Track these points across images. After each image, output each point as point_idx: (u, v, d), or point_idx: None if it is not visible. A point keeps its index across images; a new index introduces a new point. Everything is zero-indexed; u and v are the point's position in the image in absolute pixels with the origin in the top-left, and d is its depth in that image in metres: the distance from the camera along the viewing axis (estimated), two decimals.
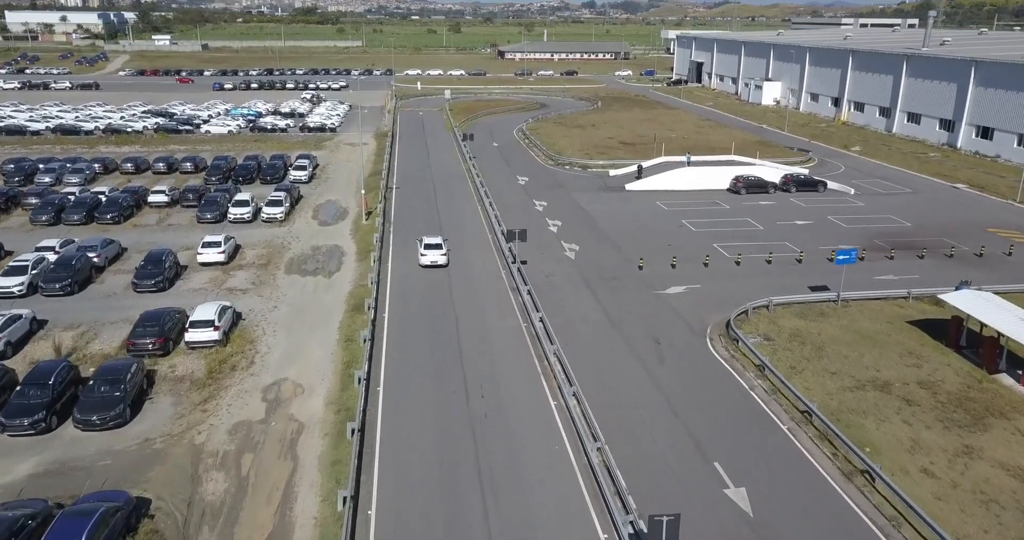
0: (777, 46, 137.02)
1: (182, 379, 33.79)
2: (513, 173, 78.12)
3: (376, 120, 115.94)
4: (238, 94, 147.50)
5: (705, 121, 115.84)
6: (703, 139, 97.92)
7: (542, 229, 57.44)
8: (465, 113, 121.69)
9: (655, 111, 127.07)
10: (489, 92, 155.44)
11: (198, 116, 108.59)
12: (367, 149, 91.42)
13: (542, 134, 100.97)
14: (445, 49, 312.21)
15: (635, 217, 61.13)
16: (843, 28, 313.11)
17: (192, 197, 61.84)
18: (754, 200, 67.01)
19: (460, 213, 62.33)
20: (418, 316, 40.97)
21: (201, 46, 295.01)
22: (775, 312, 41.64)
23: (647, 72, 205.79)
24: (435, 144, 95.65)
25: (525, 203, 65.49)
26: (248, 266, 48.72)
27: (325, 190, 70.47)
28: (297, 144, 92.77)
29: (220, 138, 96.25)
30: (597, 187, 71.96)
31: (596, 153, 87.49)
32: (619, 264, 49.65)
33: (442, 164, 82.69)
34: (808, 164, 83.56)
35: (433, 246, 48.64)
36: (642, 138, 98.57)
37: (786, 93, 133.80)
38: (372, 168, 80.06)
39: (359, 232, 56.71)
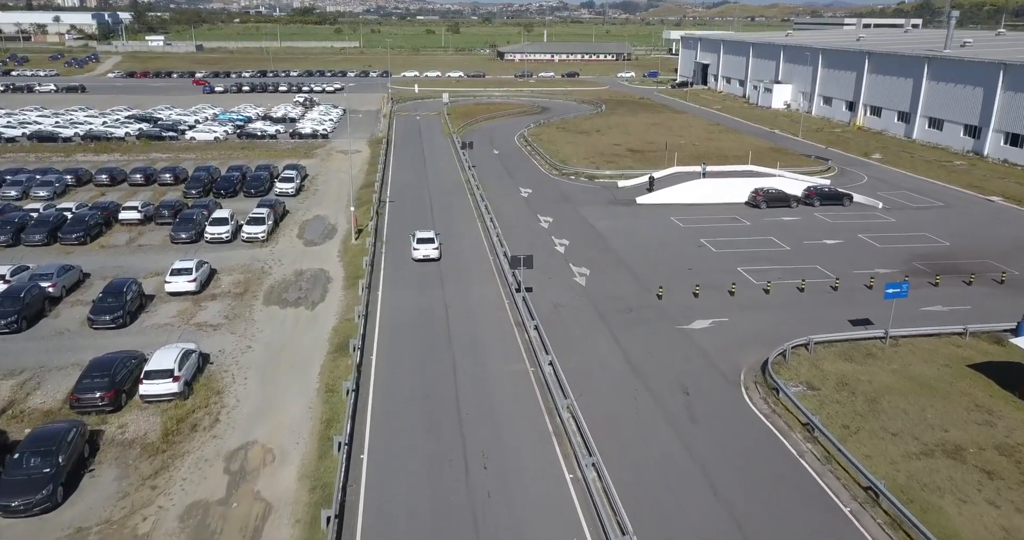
0: (788, 47, 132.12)
1: (132, 443, 28.79)
2: (515, 184, 73.16)
3: (371, 125, 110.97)
4: (229, 97, 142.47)
5: (715, 126, 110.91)
6: (714, 146, 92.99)
7: (548, 250, 52.49)
8: (464, 117, 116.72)
9: (662, 115, 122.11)
10: (489, 95, 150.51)
11: (184, 121, 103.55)
12: (360, 157, 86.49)
13: (545, 140, 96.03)
14: (443, 50, 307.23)
15: (649, 235, 56.17)
16: (846, 28, 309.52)
17: (167, 214, 56.85)
18: (776, 215, 62.06)
19: (459, 231, 57.34)
20: (410, 359, 35.99)
21: (195, 47, 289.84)
22: (816, 352, 36.69)
23: (650, 74, 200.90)
24: (432, 151, 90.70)
25: (529, 219, 60.53)
26: (223, 296, 43.71)
27: (313, 204, 65.46)
28: (287, 152, 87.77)
29: (205, 145, 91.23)
30: (606, 200, 67.00)
31: (603, 162, 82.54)
32: (635, 292, 44.68)
33: (439, 174, 77.73)
34: (828, 174, 78.65)
35: (426, 240, 49.92)
36: (650, 145, 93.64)
37: (797, 96, 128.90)
38: (365, 179, 75.09)
39: (348, 253, 51.71)
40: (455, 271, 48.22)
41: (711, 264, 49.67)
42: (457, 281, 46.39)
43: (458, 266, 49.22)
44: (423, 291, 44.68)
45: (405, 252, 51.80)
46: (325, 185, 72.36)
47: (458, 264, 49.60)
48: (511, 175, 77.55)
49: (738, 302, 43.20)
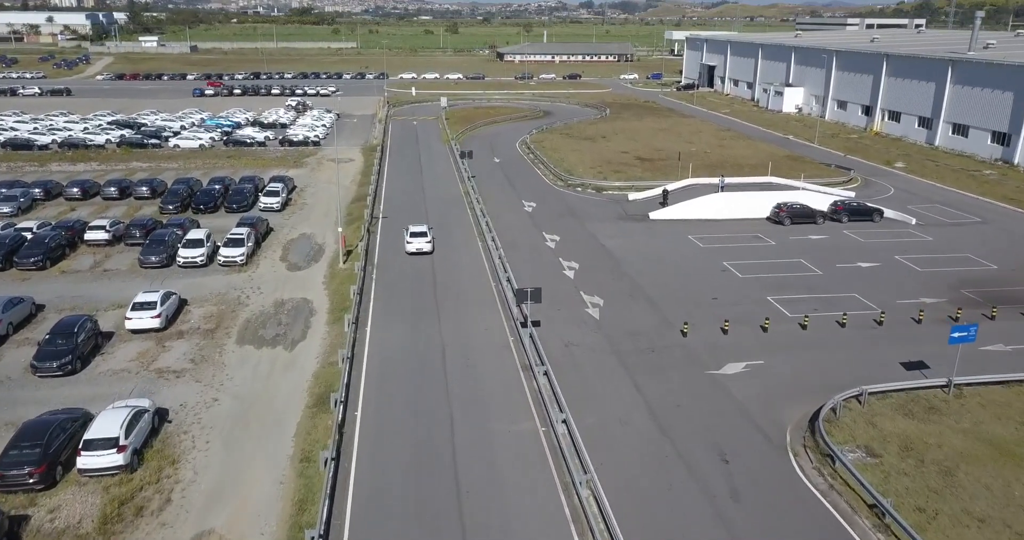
0: (799, 49, 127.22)
1: (62, 535, 23.82)
2: (518, 197, 68.23)
3: (365, 131, 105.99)
4: (219, 101, 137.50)
5: (725, 131, 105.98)
6: (727, 154, 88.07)
7: (556, 274, 47.55)
8: (463, 122, 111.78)
9: (669, 120, 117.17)
10: (488, 98, 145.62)
11: (169, 128, 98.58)
12: (353, 167, 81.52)
13: (548, 148, 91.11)
14: (442, 51, 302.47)
15: (666, 257, 51.22)
16: (849, 29, 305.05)
17: (138, 233, 51.84)
18: (802, 233, 57.15)
19: (457, 252, 52.37)
20: (400, 417, 31.03)
21: (189, 48, 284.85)
22: (870, 405, 31.76)
23: (654, 75, 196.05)
24: (429, 160, 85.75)
25: (534, 238, 55.59)
26: (191, 333, 38.73)
27: (300, 220, 60.49)
28: (275, 161, 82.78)
29: (190, 153, 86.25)
30: (616, 215, 62.06)
31: (610, 171, 77.61)
32: (656, 327, 39.75)
33: (437, 185, 72.77)
34: (851, 185, 73.75)
35: (418, 233, 51.80)
36: (659, 152, 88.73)
37: (809, 100, 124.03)
38: (357, 191, 70.13)
39: (335, 280, 46.74)
40: (453, 300, 43.30)
41: (738, 292, 44.72)
42: (455, 313, 41.46)
43: (457, 294, 44.30)
44: (417, 326, 39.75)
45: (397, 278, 46.89)
46: (314, 198, 67.36)
47: (457, 291, 44.68)
48: (513, 186, 72.60)
49: (773, 340, 38.26)
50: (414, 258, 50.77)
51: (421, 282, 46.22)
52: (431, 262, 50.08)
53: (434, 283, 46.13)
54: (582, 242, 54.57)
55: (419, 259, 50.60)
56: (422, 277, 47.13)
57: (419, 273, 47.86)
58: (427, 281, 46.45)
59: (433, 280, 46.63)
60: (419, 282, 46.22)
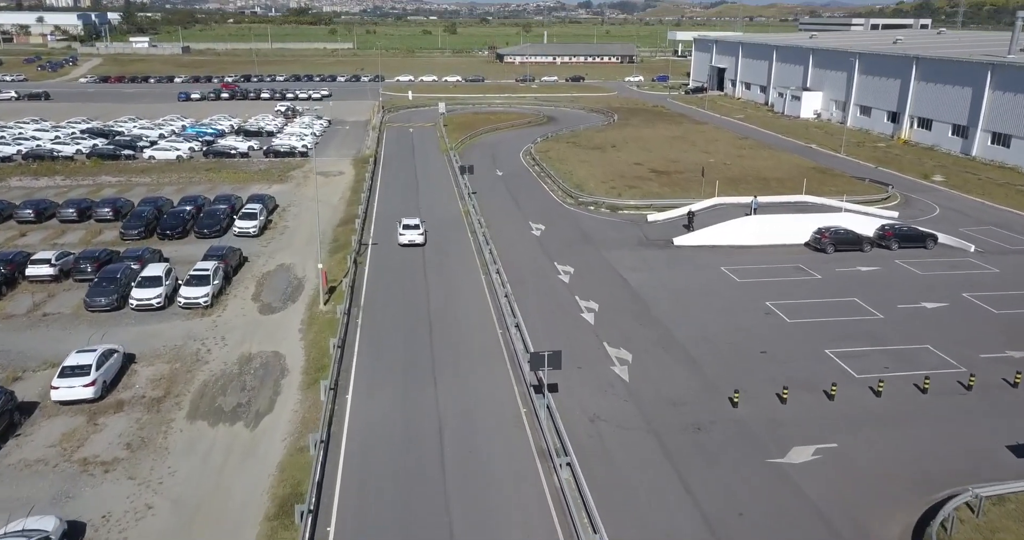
0: (818, 51, 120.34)
1: None
2: (524, 217, 61.35)
3: (358, 139, 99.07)
4: (206, 105, 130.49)
5: (743, 140, 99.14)
6: (748, 165, 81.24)
7: (573, 319, 40.67)
8: (462, 129, 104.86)
9: (681, 126, 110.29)
10: (489, 102, 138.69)
11: (146, 136, 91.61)
12: (343, 182, 74.59)
13: (554, 158, 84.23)
14: (440, 51, 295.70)
15: (698, 295, 44.32)
16: (853, 29, 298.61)
17: (89, 268, 44.88)
18: (848, 263, 50.29)
19: (458, 290, 45.47)
20: (386, 529, 24.12)
21: (181, 49, 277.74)
22: (987, 513, 24.91)
23: (660, 78, 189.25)
24: (427, 172, 78.84)
25: (544, 269, 48.70)
26: (133, 404, 31.81)
27: (280, 247, 53.55)
28: (258, 175, 75.82)
29: (165, 166, 79.26)
30: (635, 240, 55.17)
31: (624, 186, 70.75)
32: (699, 393, 32.88)
33: (435, 204, 65.85)
34: (890, 203, 66.99)
35: (411, 227, 53.58)
36: (675, 164, 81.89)
37: (829, 105, 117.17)
38: (345, 211, 63.19)
39: (313, 326, 39.83)
40: (453, 353, 36.42)
41: (789, 343, 37.85)
42: (455, 373, 34.56)
43: (457, 345, 37.40)
44: (409, 392, 32.85)
45: (386, 324, 39.97)
46: (297, 220, 60.41)
47: (457, 341, 37.79)
48: (519, 205, 65.71)
49: (843, 411, 31.38)
50: (409, 298, 43.84)
51: (415, 330, 39.33)
52: (427, 301, 43.16)
53: (430, 330, 39.24)
54: (600, 275, 47.66)
55: (414, 298, 43.68)
56: (417, 323, 40.23)
57: (414, 317, 40.96)
58: (422, 328, 39.56)
59: (429, 326, 39.73)
60: (413, 330, 39.33)
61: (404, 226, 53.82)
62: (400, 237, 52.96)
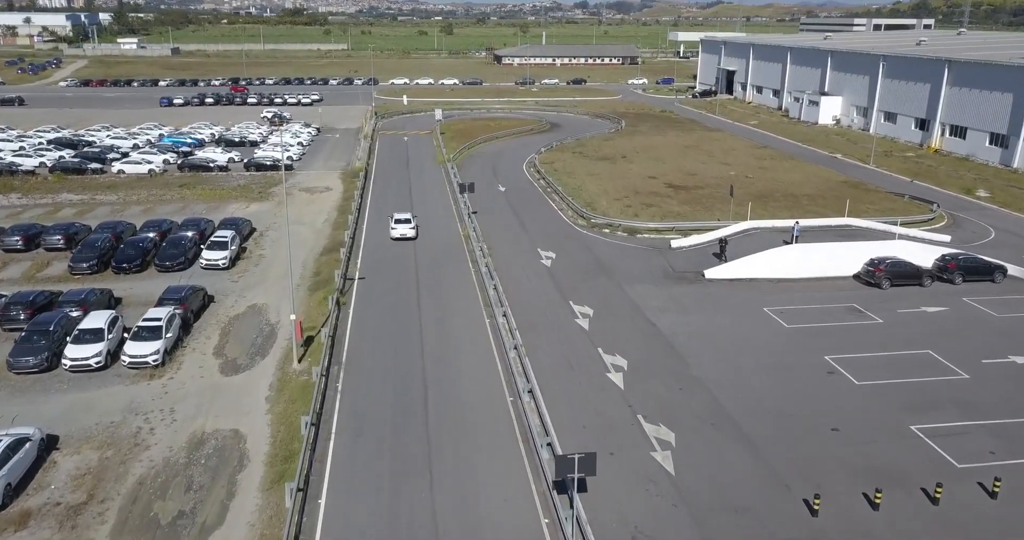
0: (837, 53, 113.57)
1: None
2: (531, 242, 54.47)
3: (349, 149, 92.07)
4: (189, 112, 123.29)
5: (761, 149, 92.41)
6: (774, 179, 74.50)
7: (598, 381, 33.79)
8: (460, 138, 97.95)
9: (694, 134, 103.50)
10: (488, 107, 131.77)
11: (119, 147, 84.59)
12: (330, 199, 67.61)
13: (561, 171, 77.41)
14: (436, 53, 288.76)
15: (744, 347, 37.46)
16: (855, 29, 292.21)
17: (21, 315, 37.91)
18: (909, 301, 43.49)
19: (459, 342, 38.56)
20: None
21: (171, 50, 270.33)
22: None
23: (664, 80, 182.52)
24: (422, 189, 71.89)
25: (558, 311, 41.83)
26: (43, 514, 24.83)
27: (253, 282, 46.57)
28: (236, 191, 68.78)
29: (135, 182, 72.19)
30: (661, 272, 48.29)
31: (640, 204, 63.98)
32: (764, 492, 26.02)
33: (431, 227, 58.92)
34: (938, 224, 60.31)
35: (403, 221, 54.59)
36: (693, 177, 75.13)
37: (849, 110, 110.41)
38: (330, 236, 56.19)
39: (284, 392, 32.88)
40: (453, 434, 29.52)
41: (864, 415, 31.00)
42: (457, 463, 27.64)
43: (459, 423, 30.50)
44: (399, 491, 25.96)
45: (373, 392, 33.06)
46: (275, 247, 53.37)
47: (459, 419, 30.88)
48: (524, 227, 58.83)
49: (952, 519, 24.57)
50: (401, 354, 36.87)
51: (407, 399, 32.42)
52: (422, 357, 36.22)
53: (425, 398, 32.32)
54: (624, 319, 40.77)
55: (406, 354, 36.73)
56: (409, 388, 33.31)
57: (406, 380, 34.04)
58: (416, 395, 32.64)
59: (424, 392, 32.81)
60: (404, 399, 32.42)
61: (396, 220, 54.98)
62: (391, 231, 54.51)
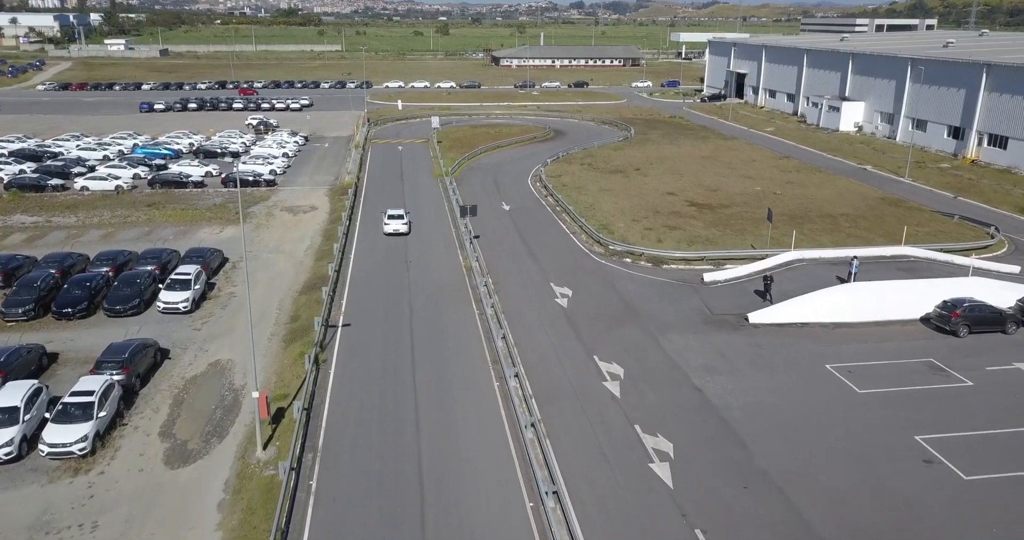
0: (859, 56, 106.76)
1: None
2: (543, 275, 47.49)
3: (338, 160, 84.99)
4: (170, 118, 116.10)
5: (784, 160, 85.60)
6: (804, 195, 67.72)
7: (641, 477, 26.81)
8: (459, 147, 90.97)
9: (709, 143, 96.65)
10: (487, 113, 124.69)
11: (86, 160, 77.43)
12: (314, 221, 60.50)
13: (570, 186, 70.53)
14: (432, 54, 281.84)
15: (813, 421, 30.49)
16: (858, 29, 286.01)
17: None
18: (997, 355, 36.66)
19: (462, 417, 31.54)
20: None
21: (159, 52, 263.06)
22: None
23: (670, 83, 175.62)
24: (418, 207, 64.81)
25: (581, 368, 34.89)
26: None
27: (218, 331, 39.51)
28: (210, 212, 61.65)
29: (99, 200, 65.04)
30: (697, 316, 41.34)
31: (662, 226, 57.14)
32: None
33: (428, 256, 51.92)
34: (997, 251, 53.52)
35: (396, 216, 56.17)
36: (716, 193, 68.32)
37: (872, 116, 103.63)
38: (312, 268, 49.05)
39: (242, 495, 25.82)
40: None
41: (988, 532, 24.08)
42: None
43: (465, 531, 23.57)
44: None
45: (354, 486, 26.05)
46: (250, 280, 46.17)
47: (463, 520, 23.89)
48: (534, 255, 51.83)
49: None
50: (389, 434, 29.80)
51: (399, 515, 25.38)
52: (418, 451, 29.10)
53: (421, 512, 25.29)
54: (663, 383, 33.79)
55: (398, 437, 29.66)
56: (402, 498, 26.30)
57: (397, 484, 27.03)
58: (410, 508, 25.62)
59: (420, 505, 25.79)
60: (395, 515, 25.38)
61: (389, 216, 56.15)
62: (385, 227, 55.54)
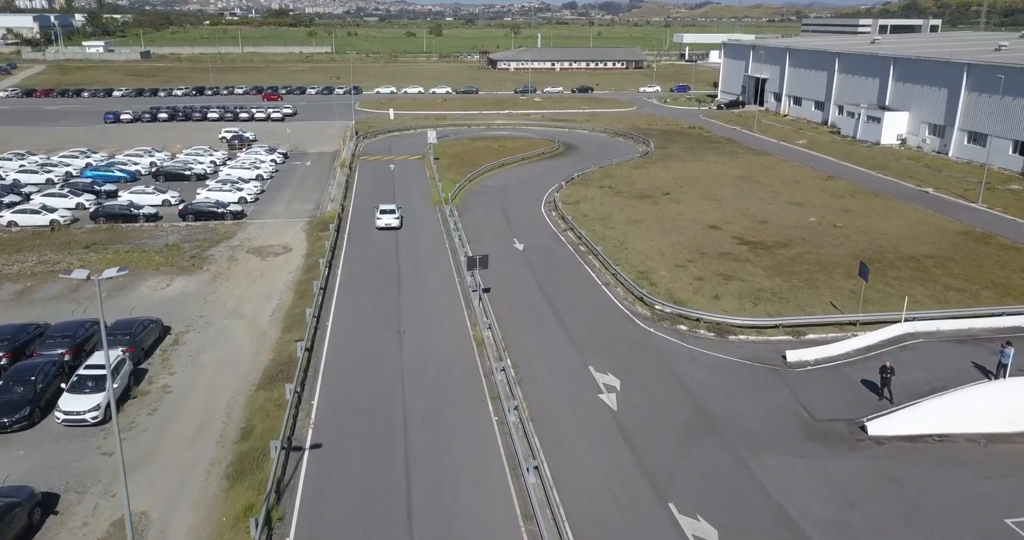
0: (902, 61, 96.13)
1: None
2: (578, 354, 36.52)
3: (321, 182, 73.85)
4: (136, 130, 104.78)
5: (831, 181, 74.92)
6: (871, 229, 57.05)
7: None
8: (458, 165, 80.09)
9: (739, 159, 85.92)
10: (487, 122, 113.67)
11: (21, 185, 66.22)
12: (285, 268, 49.27)
13: (592, 216, 59.82)
14: (426, 56, 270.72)
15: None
16: (860, 30, 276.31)
17: None
18: None
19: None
20: None
21: (140, 54, 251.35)
22: None
23: (679, 88, 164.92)
24: (413, 250, 53.77)
25: (650, 520, 23.96)
26: None
27: (139, 457, 28.27)
28: (159, 256, 50.48)
29: (27, 239, 53.86)
30: (792, 421, 30.45)
31: (714, 275, 46.36)
32: None
33: (426, 319, 40.90)
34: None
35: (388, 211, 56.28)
36: (766, 226, 57.64)
37: (919, 128, 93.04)
38: (277, 343, 37.85)
39: None
40: None
41: None
42: None
43: None
44: None
45: None
46: (194, 369, 35.05)
47: None
48: (562, 319, 40.87)
49: None
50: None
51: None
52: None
53: None
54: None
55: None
56: None
57: None
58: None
59: None
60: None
61: (381, 211, 55.94)
62: (377, 221, 55.23)
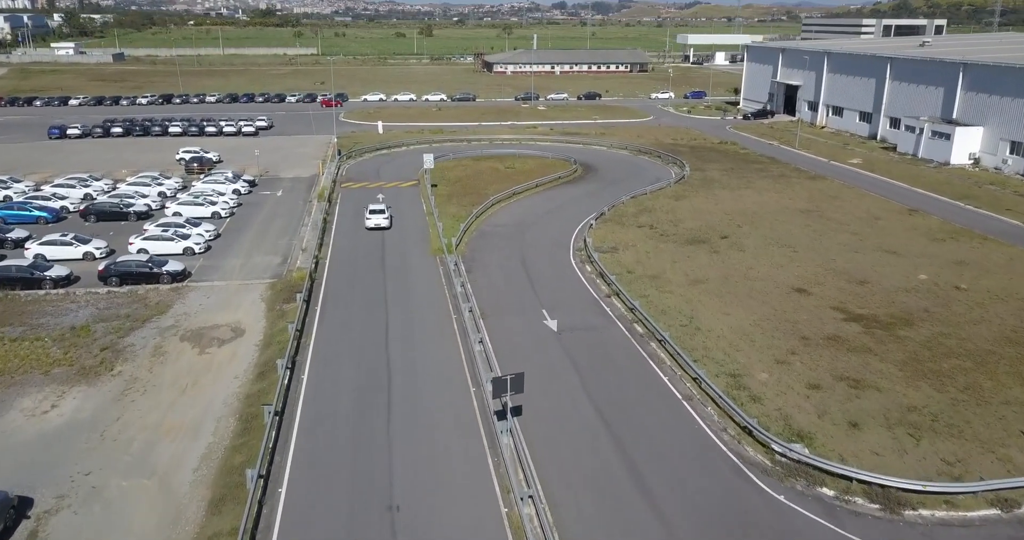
0: (975, 67, 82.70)
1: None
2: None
3: (292, 222, 59.49)
4: (84, 148, 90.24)
5: (916, 216, 61.41)
6: (1002, 291, 43.43)
7: None
8: (461, 195, 66.20)
9: (795, 185, 72.28)
10: (489, 136, 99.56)
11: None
12: (231, 366, 34.90)
13: (640, 274, 46.08)
14: (417, 58, 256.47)
15: None
16: (863, 30, 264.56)
17: None
18: None
19: None
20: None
21: (113, 56, 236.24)
22: None
23: (694, 94, 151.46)
24: (408, 332, 39.60)
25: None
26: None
27: None
28: (59, 347, 36.29)
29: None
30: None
31: (832, 378, 32.71)
32: None
33: (430, 489, 26.90)
34: None
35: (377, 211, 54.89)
36: (868, 289, 43.97)
37: (996, 146, 79.69)
38: (203, 529, 23.79)
39: None
40: None
41: None
42: None
43: None
44: None
45: None
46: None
47: None
48: (637, 474, 26.99)
49: None
50: None
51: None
52: None
53: None
54: None
55: None
56: None
57: None
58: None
59: None
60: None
61: (371, 211, 54.34)
62: (367, 221, 53.97)
